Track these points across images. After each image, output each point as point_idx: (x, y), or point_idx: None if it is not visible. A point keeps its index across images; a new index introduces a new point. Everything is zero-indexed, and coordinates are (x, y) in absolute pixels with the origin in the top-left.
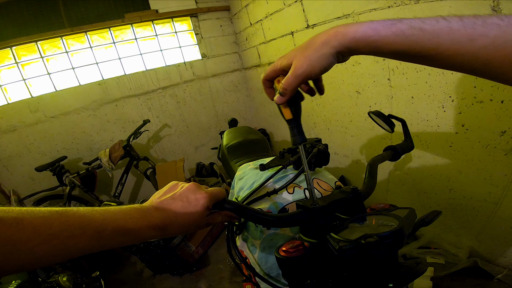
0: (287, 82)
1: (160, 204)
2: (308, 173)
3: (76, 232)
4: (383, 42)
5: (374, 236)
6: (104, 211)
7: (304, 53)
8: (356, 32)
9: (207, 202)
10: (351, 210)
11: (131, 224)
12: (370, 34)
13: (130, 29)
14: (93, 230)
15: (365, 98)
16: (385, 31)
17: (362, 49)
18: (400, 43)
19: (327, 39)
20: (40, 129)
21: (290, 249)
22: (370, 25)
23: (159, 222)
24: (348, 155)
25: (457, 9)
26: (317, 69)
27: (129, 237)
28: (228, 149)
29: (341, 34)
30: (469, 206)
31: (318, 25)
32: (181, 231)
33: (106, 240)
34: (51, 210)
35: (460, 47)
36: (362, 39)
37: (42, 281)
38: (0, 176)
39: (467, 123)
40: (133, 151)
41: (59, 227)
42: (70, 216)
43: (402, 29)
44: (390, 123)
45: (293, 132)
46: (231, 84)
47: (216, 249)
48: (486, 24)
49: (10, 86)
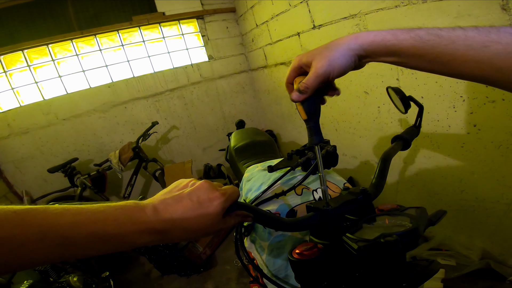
0: (309, 81)
1: (161, 203)
2: (323, 173)
3: (32, 238)
4: (401, 45)
5: (393, 235)
6: (79, 212)
7: (324, 53)
8: (376, 36)
9: (221, 204)
10: (361, 211)
11: (114, 228)
12: (389, 38)
13: (138, 32)
14: (58, 235)
15: (373, 99)
16: (403, 36)
17: (380, 53)
18: (417, 48)
19: (347, 41)
20: (52, 131)
21: (304, 251)
22: (390, 31)
23: (158, 225)
24: (356, 156)
25: (466, 8)
26: (336, 69)
27: (111, 244)
28: (236, 150)
29: (361, 38)
30: (481, 207)
31: (325, 25)
32: (186, 237)
33: (78, 248)
34: (7, 209)
35: (474, 53)
36: (381, 42)
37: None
38: (13, 177)
39: (479, 123)
40: (142, 152)
41: (9, 232)
42: (28, 218)
43: (419, 35)
44: (407, 104)
45: (311, 132)
46: (238, 85)
47: (224, 250)
48: (500, 32)
49: (22, 89)
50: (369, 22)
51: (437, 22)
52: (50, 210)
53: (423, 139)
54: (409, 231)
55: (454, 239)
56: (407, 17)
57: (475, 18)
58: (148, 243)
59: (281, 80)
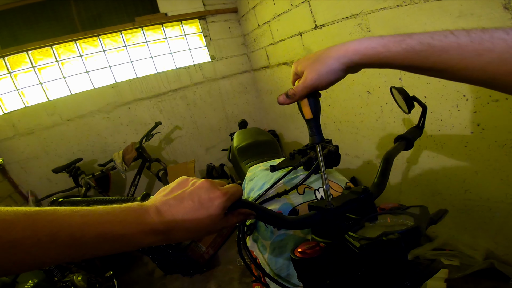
0: (297, 89)
1: (164, 204)
2: (325, 172)
3: (43, 239)
4: (394, 58)
5: (395, 233)
6: (87, 213)
7: (315, 66)
8: (367, 49)
9: (222, 203)
10: (362, 210)
11: (121, 228)
12: (381, 51)
13: (141, 33)
14: (68, 236)
15: (376, 98)
16: (395, 48)
17: (373, 64)
18: (411, 59)
19: (337, 55)
20: (57, 131)
21: (307, 250)
22: (380, 42)
23: (161, 226)
24: (359, 156)
25: (468, 7)
26: (324, 82)
27: (118, 245)
28: (239, 150)
29: (352, 51)
30: (485, 207)
31: (326, 25)
32: (189, 237)
33: (87, 249)
34: (18, 211)
35: (468, 62)
36: (373, 56)
37: (57, 280)
38: (18, 177)
39: (482, 122)
40: (146, 153)
41: (21, 233)
42: (39, 219)
43: (411, 45)
44: (410, 104)
45: (312, 131)
46: (240, 85)
47: (226, 250)
48: (493, 38)
49: (27, 90)
50: (371, 21)
51: (439, 22)
52: (59, 211)
53: (427, 139)
54: (411, 229)
55: (458, 239)
56: (409, 17)
57: (477, 17)
58: (153, 243)
59: (284, 80)
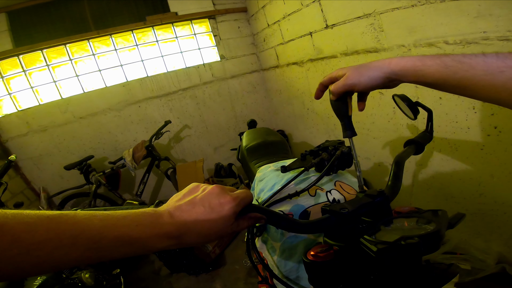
0: (335, 86)
1: (176, 209)
2: (359, 165)
3: (65, 242)
4: (428, 71)
5: (414, 237)
6: (106, 217)
7: (358, 69)
8: (407, 62)
9: (233, 208)
10: (377, 213)
11: (137, 232)
12: (418, 65)
13: (152, 32)
14: (88, 239)
15: (388, 99)
16: (430, 62)
17: (409, 77)
18: (441, 73)
19: (381, 65)
20: (69, 129)
21: (320, 253)
22: (420, 57)
23: (174, 230)
24: (370, 157)
25: (487, 7)
26: (362, 84)
27: (134, 248)
28: (248, 150)
29: (394, 63)
30: (500, 211)
31: (338, 25)
32: (200, 241)
33: (105, 251)
34: (41, 215)
35: (491, 78)
36: (411, 68)
37: (65, 277)
38: (31, 174)
39: (500, 124)
40: (155, 151)
41: (44, 236)
42: (61, 222)
43: (445, 61)
44: (415, 110)
45: (345, 127)
46: (249, 85)
47: (233, 249)
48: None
49: (41, 88)
50: (384, 21)
51: (456, 22)
52: (79, 215)
53: (441, 141)
54: (431, 233)
55: (470, 243)
56: (424, 17)
57: (496, 18)
58: (167, 247)
59: (293, 80)
